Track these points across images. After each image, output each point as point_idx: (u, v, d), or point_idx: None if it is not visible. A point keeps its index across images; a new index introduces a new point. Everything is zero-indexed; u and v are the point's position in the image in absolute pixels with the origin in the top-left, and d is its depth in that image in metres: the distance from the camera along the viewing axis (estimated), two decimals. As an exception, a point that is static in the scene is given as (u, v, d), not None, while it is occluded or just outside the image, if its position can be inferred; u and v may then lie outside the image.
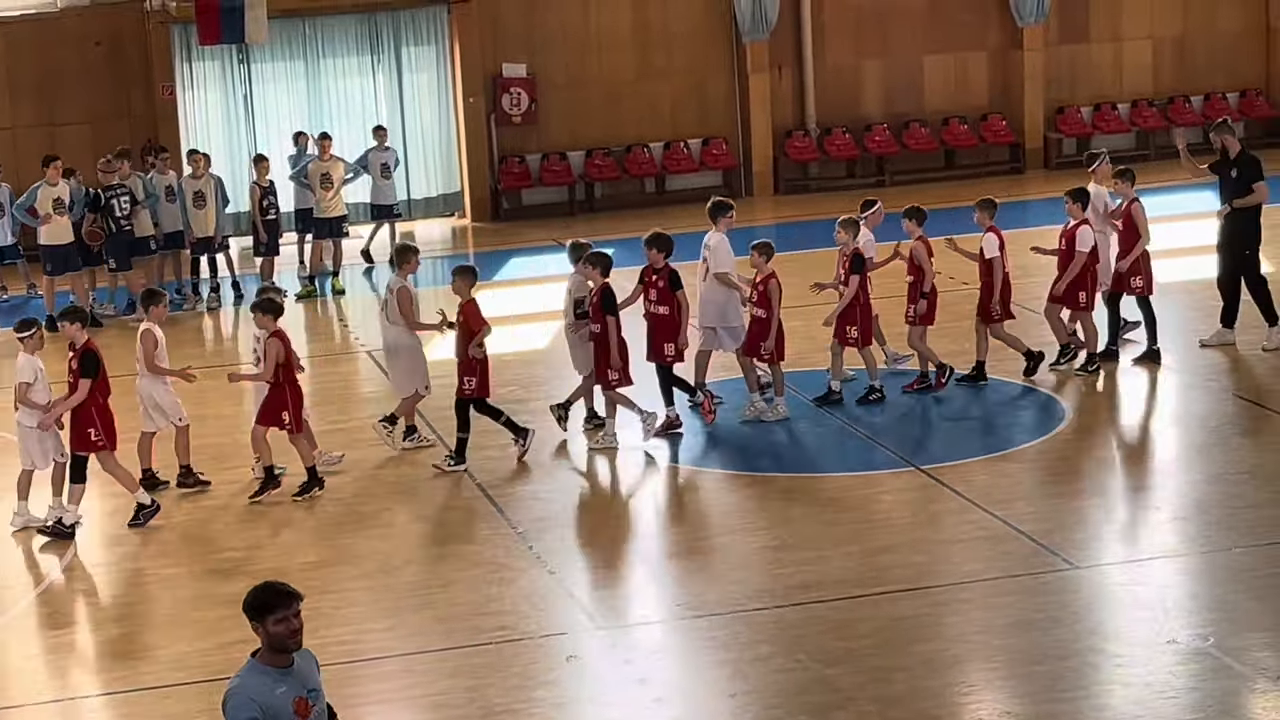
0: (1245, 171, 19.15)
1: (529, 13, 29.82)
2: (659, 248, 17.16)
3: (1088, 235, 18.40)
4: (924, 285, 17.99)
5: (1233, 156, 19.29)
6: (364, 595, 13.88)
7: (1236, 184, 19.18)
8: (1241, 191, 19.10)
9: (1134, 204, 18.74)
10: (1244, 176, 19.12)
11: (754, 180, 30.71)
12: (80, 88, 28.23)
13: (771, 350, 17.42)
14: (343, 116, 28.85)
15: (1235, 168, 19.21)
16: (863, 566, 13.95)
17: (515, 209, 29.84)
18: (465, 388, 16.44)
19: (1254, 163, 19.26)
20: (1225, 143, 19.41)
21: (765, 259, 17.38)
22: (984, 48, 31.78)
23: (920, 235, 18.10)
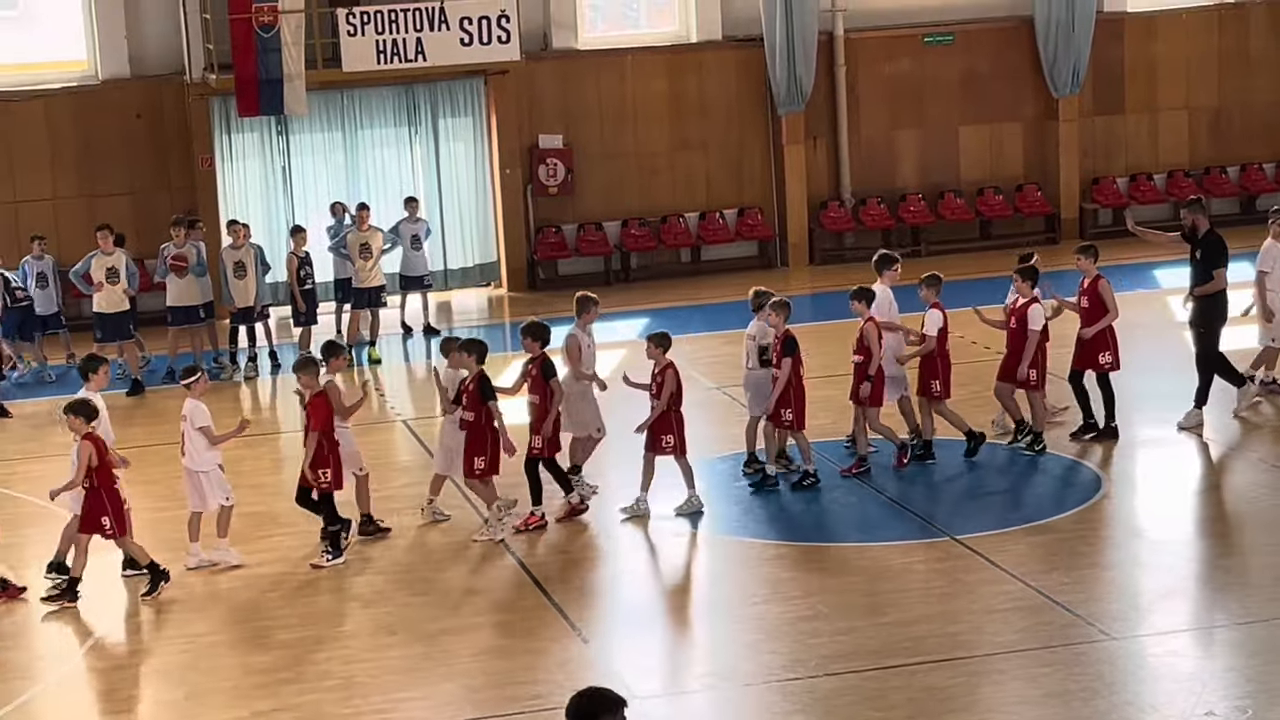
0: (1208, 254, 18.91)
1: (565, 84, 30.00)
2: (534, 336, 16.83)
3: (1038, 314, 18.17)
4: (870, 368, 17.68)
5: (1200, 236, 19.06)
6: (398, 663, 13.87)
7: (1199, 266, 18.99)
8: (1202, 277, 18.95)
9: (1099, 280, 18.51)
10: (1206, 259, 18.91)
11: (789, 251, 30.77)
12: (120, 159, 28.47)
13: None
14: (380, 187, 29.02)
15: (1200, 248, 18.98)
16: (897, 636, 13.90)
17: (551, 279, 29.93)
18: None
19: (1218, 246, 18.95)
20: (1195, 221, 19.11)
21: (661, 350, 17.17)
22: (1019, 118, 31.85)
23: (870, 316, 17.75)
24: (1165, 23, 32.17)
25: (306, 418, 16.10)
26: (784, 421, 17.54)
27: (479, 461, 16.53)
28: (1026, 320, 18.16)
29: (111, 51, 28.39)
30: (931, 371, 18.10)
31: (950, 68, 31.39)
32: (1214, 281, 18.87)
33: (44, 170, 28.32)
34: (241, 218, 26.14)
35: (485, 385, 16.52)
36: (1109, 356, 18.58)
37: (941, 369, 18.12)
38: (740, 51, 30.54)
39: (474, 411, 16.48)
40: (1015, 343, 18.26)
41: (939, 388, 18.12)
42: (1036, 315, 18.15)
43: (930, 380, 18.12)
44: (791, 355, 17.31)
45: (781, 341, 17.35)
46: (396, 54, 27.32)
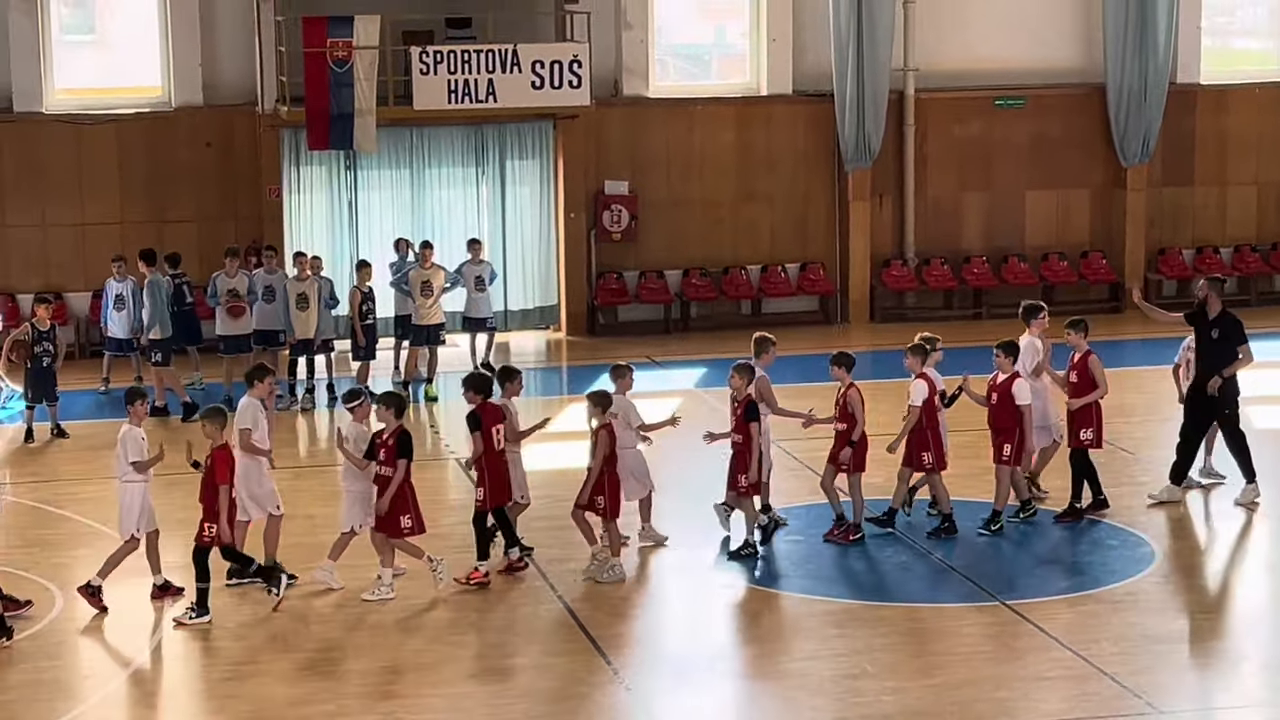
0: (1228, 332, 18.63)
1: (633, 130, 30.06)
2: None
3: (1024, 389, 17.80)
4: (853, 434, 17.41)
5: (1213, 316, 18.72)
6: (440, 703, 13.85)
7: (1217, 345, 18.66)
8: (1225, 354, 18.61)
9: (1089, 355, 18.16)
10: (1226, 338, 18.61)
11: (850, 307, 30.70)
12: (189, 186, 28.64)
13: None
14: (445, 226, 29.09)
15: (1216, 328, 18.66)
16: (943, 699, 13.82)
17: (611, 325, 29.94)
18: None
19: (1237, 325, 18.71)
20: (1210, 300, 18.79)
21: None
22: (1087, 185, 31.73)
23: (851, 383, 17.48)
24: (1237, 97, 32.03)
25: (209, 470, 15.60)
26: (740, 487, 17.36)
27: (405, 520, 16.06)
28: (1009, 395, 17.78)
29: (185, 79, 28.61)
30: (921, 443, 17.71)
31: (1020, 131, 31.32)
32: (1243, 360, 18.61)
33: (113, 194, 28.52)
34: (307, 250, 26.24)
35: (404, 441, 16.05)
36: (1090, 433, 18.15)
37: (933, 440, 17.72)
38: (810, 106, 30.54)
39: (391, 468, 16.03)
40: (1002, 419, 17.89)
41: (930, 460, 17.77)
42: (1023, 390, 17.77)
43: (921, 452, 17.74)
44: (753, 421, 17.04)
45: (743, 406, 17.07)
46: (468, 94, 27.42)
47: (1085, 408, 18.18)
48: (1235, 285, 31.83)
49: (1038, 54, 31.18)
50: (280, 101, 27.68)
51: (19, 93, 28.18)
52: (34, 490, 19.97)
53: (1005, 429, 17.86)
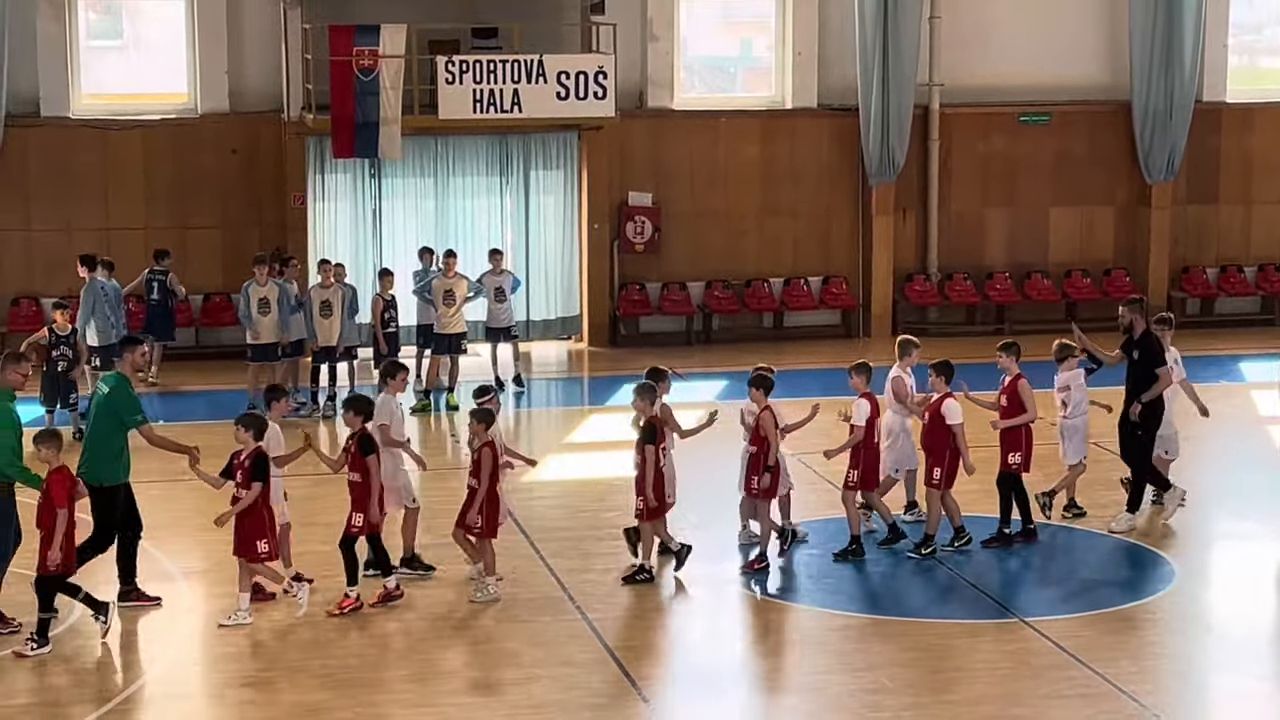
0: (1147, 354, 18.38)
1: (658, 143, 30.09)
2: (355, 410, 16.13)
3: (955, 409, 17.43)
4: (769, 458, 17.01)
5: (1135, 337, 18.46)
6: (456, 712, 13.86)
7: (1136, 367, 18.37)
8: (1143, 377, 18.31)
9: (1019, 379, 17.90)
10: (1144, 360, 18.35)
11: (872, 321, 30.69)
12: (214, 193, 28.74)
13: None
14: (468, 235, 29.14)
15: (1137, 349, 18.41)
16: (961, 715, 13.80)
17: (632, 336, 29.96)
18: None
19: (1156, 346, 18.44)
20: (1134, 322, 18.51)
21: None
22: (1111, 203, 31.70)
23: (767, 405, 17.05)
24: (1264, 115, 31.98)
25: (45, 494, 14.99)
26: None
27: (262, 545, 15.61)
28: (940, 415, 17.44)
29: (212, 86, 28.70)
30: (854, 461, 17.46)
31: (1044, 148, 31.30)
32: (1159, 383, 18.29)
33: (137, 199, 28.61)
34: (331, 258, 26.29)
35: (259, 464, 15.62)
36: (1018, 457, 17.84)
37: (865, 460, 17.46)
38: (834, 120, 30.56)
39: (246, 489, 15.72)
40: (934, 442, 17.53)
41: (855, 479, 17.46)
42: (954, 410, 17.44)
43: (850, 470, 17.50)
44: (650, 443, 16.60)
45: (644, 428, 16.61)
46: (493, 104, 27.46)
47: (1014, 432, 17.85)
48: (1259, 305, 31.83)
49: (1063, 70, 31.17)
50: (306, 109, 27.75)
51: (46, 97, 28.29)
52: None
53: (936, 450, 17.51)
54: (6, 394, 15.58)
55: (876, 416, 17.51)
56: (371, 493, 15.96)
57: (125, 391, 16.31)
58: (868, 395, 17.50)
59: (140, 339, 18.18)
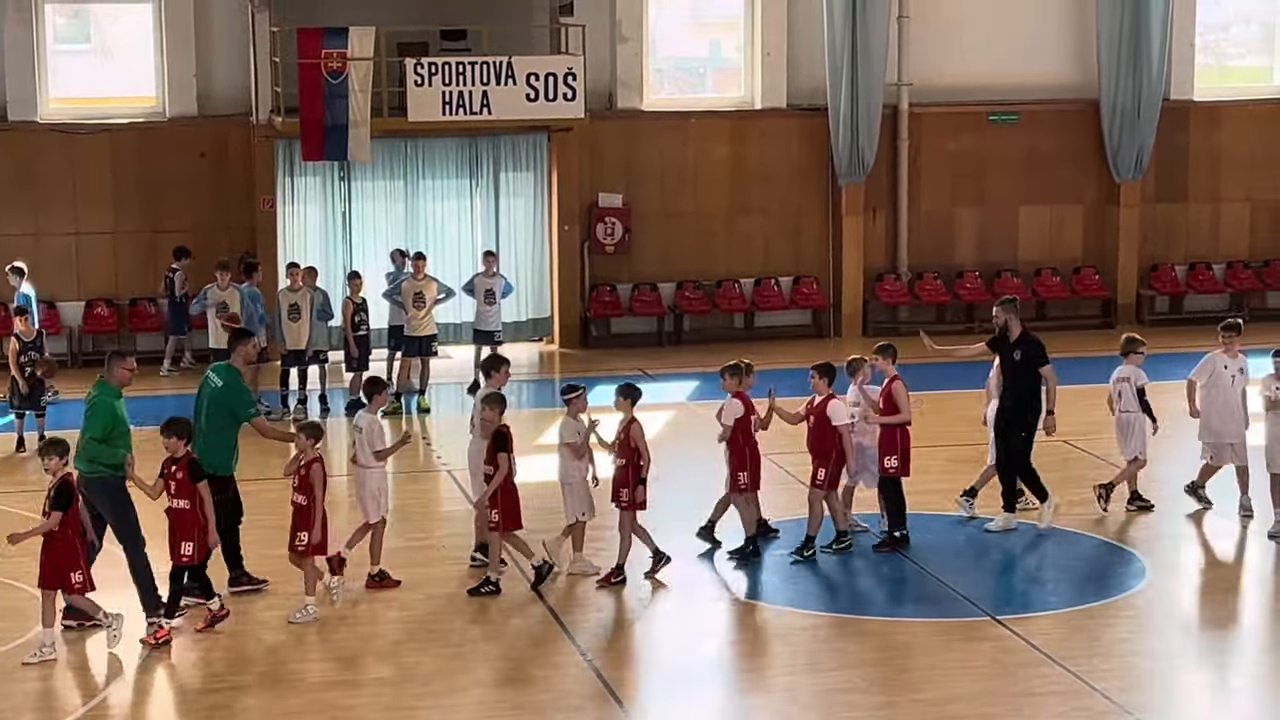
0: (1031, 354, 18.23)
1: (628, 143, 30.09)
2: (177, 434, 15.57)
3: (840, 410, 17.29)
4: (643, 471, 16.71)
5: (1014, 338, 18.31)
6: (429, 715, 13.84)
7: (1021, 367, 18.26)
8: (1027, 375, 18.22)
9: (895, 381, 17.76)
10: (1029, 360, 18.22)
11: (842, 321, 30.73)
12: (182, 196, 28.65)
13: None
14: (439, 238, 29.10)
15: (1018, 349, 18.24)
16: (932, 714, 13.82)
17: (604, 337, 29.96)
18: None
19: (1039, 346, 18.34)
20: (1009, 322, 18.37)
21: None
22: (1080, 201, 31.78)
23: (634, 418, 16.72)
24: (1231, 113, 32.10)
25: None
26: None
27: (76, 576, 14.95)
28: (825, 416, 17.28)
29: (180, 89, 28.62)
30: (739, 463, 17.28)
31: (1013, 147, 31.37)
32: (1049, 381, 18.23)
33: (106, 204, 28.51)
34: (300, 261, 26.25)
35: (62, 491, 14.88)
36: (895, 461, 17.68)
37: (750, 460, 17.30)
38: (803, 120, 30.59)
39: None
40: (819, 441, 17.38)
41: (745, 480, 17.33)
42: (838, 412, 17.31)
43: (738, 472, 17.32)
44: (503, 452, 16.29)
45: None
46: (462, 106, 27.43)
47: (891, 437, 17.67)
48: (1228, 302, 31.94)
49: (1031, 69, 31.24)
50: (275, 112, 27.69)
51: (13, 101, 28.19)
52: (25, 500, 19.89)
53: (821, 453, 17.32)
54: (113, 391, 15.94)
55: (749, 416, 17.24)
56: (208, 521, 15.39)
57: (237, 385, 16.67)
58: (740, 395, 17.23)
59: (252, 333, 18.38)
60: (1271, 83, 32.75)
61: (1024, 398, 18.32)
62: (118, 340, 28.23)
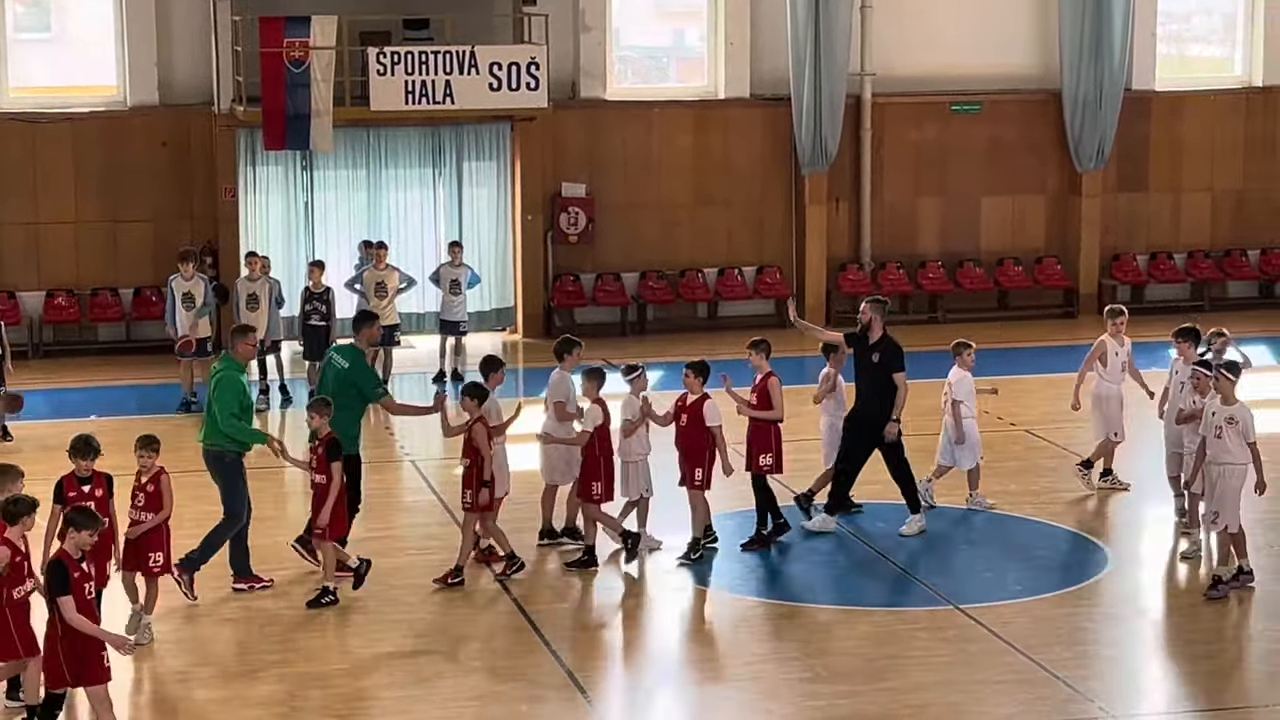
0: (888, 358, 17.86)
1: (591, 133, 30.06)
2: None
3: (715, 410, 16.98)
4: (484, 472, 16.46)
5: (874, 340, 17.95)
6: (393, 704, 13.83)
7: (875, 370, 17.87)
8: (881, 380, 17.82)
9: (770, 377, 17.44)
10: (885, 364, 17.83)
11: (806, 311, 30.73)
12: (144, 186, 28.51)
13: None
14: (401, 227, 29.04)
15: (877, 351, 17.89)
16: (896, 703, 13.86)
17: (567, 327, 29.87)
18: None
19: (897, 351, 17.91)
20: (873, 322, 17.94)
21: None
22: (1042, 191, 31.86)
23: (479, 416, 16.45)
24: (1192, 103, 32.21)
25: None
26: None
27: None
28: (701, 415, 17.00)
29: (141, 78, 28.48)
30: (592, 472, 16.90)
31: (976, 137, 31.43)
32: (899, 389, 17.74)
33: (66, 194, 28.37)
34: (262, 251, 26.15)
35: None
36: (769, 458, 17.41)
37: (603, 469, 16.94)
38: (767, 110, 30.60)
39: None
40: (689, 440, 17.12)
41: (599, 491, 16.91)
42: (713, 412, 16.99)
43: (592, 482, 16.92)
44: (335, 460, 15.84)
45: (325, 444, 15.96)
46: (425, 95, 27.37)
47: (765, 433, 17.42)
48: (1189, 291, 32.07)
49: (994, 60, 31.30)
50: (236, 101, 27.59)
51: (-27, 91, 28.06)
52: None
53: (694, 452, 17.08)
54: (236, 366, 16.39)
55: (608, 423, 16.99)
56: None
57: (362, 365, 17.01)
58: (599, 400, 16.88)
59: (376, 315, 18.50)
60: (1232, 73, 32.87)
61: (880, 400, 17.84)
62: (78, 330, 28.19)
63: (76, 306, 28.16)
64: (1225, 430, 16.05)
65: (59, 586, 12.14)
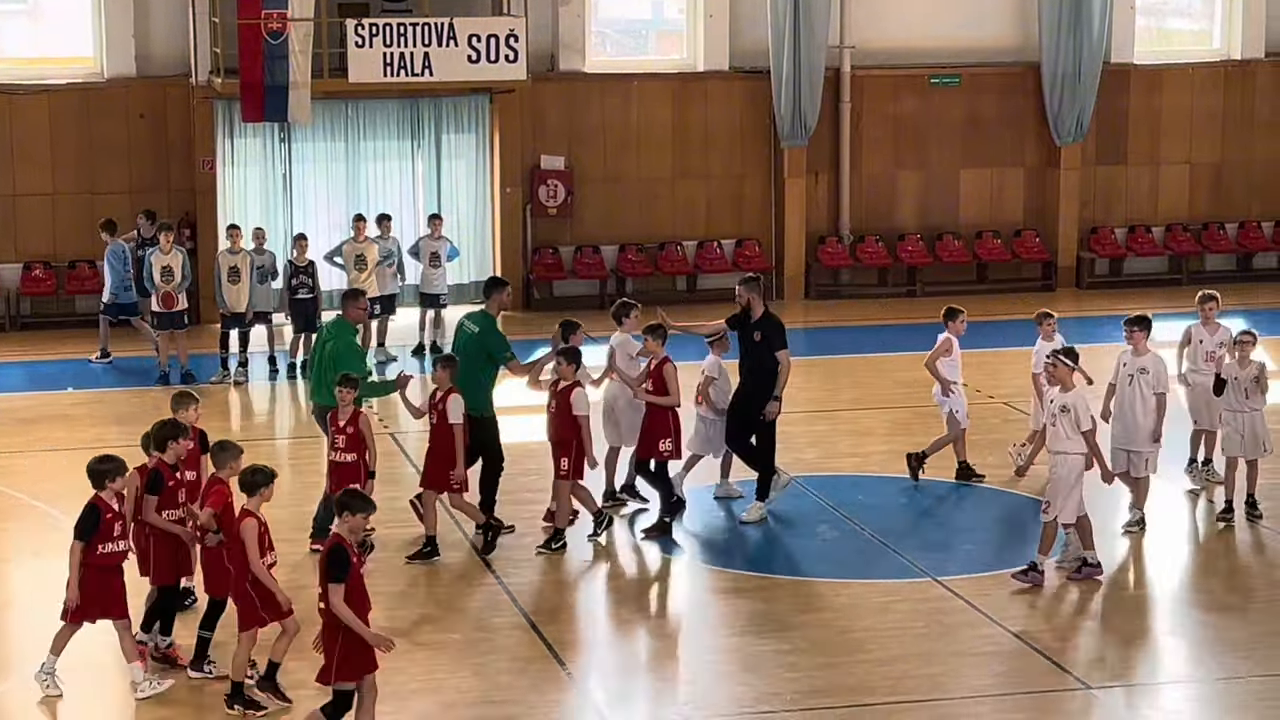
0: (770, 336, 17.59)
1: (570, 106, 30.01)
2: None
3: (583, 399, 16.52)
4: (371, 465, 15.97)
5: (755, 318, 17.65)
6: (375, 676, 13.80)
7: (758, 348, 17.59)
8: (766, 357, 17.53)
9: (665, 363, 17.20)
10: (768, 341, 17.58)
11: (785, 284, 30.77)
12: (122, 158, 28.42)
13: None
14: (380, 200, 28.96)
15: (758, 330, 17.59)
16: (874, 675, 13.90)
17: (546, 299, 29.92)
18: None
19: (779, 328, 17.66)
20: (751, 301, 17.67)
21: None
22: (1021, 164, 31.88)
23: (360, 411, 16.07)
24: (1171, 77, 32.23)
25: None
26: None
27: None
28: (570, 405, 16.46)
29: (118, 50, 28.37)
30: (661, 429, 16.92)
31: (955, 110, 31.43)
32: (783, 365, 17.48)
33: (44, 166, 28.27)
34: (240, 223, 26.08)
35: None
36: (669, 444, 17.09)
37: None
38: (746, 83, 30.57)
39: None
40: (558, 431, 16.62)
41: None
42: (581, 401, 16.48)
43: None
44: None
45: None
46: (403, 67, 27.31)
47: (663, 419, 17.11)
48: (1167, 264, 32.12)
49: (973, 33, 31.28)
50: (214, 73, 27.50)
51: (-51, 62, 27.94)
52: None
53: (564, 440, 16.66)
54: (350, 328, 17.31)
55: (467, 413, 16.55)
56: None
57: (493, 330, 17.38)
58: (454, 390, 16.39)
59: (506, 281, 18.59)
60: (1211, 46, 32.87)
61: (764, 380, 17.58)
62: (56, 302, 28.11)
63: (54, 279, 28.08)
64: (1059, 419, 15.73)
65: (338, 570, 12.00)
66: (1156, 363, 17.34)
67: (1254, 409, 17.48)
